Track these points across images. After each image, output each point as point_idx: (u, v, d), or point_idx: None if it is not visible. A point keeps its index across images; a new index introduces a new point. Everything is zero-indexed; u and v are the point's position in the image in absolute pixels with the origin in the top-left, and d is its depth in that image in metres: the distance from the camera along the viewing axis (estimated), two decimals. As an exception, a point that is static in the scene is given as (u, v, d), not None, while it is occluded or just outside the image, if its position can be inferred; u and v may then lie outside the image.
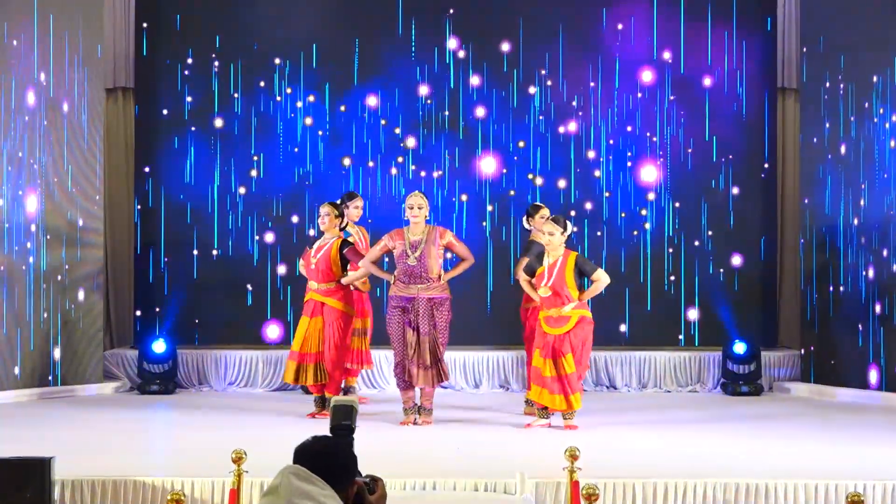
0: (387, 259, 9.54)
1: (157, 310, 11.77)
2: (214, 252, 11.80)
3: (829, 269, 10.70)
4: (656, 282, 11.80)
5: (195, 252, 11.79)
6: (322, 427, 3.77)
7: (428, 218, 8.80)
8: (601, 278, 8.68)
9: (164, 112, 11.86)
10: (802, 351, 11.08)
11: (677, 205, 11.83)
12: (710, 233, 11.82)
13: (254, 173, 11.84)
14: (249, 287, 11.74)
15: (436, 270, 8.65)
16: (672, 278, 11.79)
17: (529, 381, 8.96)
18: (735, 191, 11.86)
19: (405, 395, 8.79)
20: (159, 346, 10.83)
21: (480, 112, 11.81)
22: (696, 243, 11.82)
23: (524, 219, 9.60)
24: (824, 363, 10.74)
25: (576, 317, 8.59)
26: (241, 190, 11.82)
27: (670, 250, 11.80)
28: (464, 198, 11.83)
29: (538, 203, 9.90)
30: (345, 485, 3.35)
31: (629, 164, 11.83)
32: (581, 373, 8.76)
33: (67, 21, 10.59)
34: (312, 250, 9.26)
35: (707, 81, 11.82)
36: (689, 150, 11.85)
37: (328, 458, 3.36)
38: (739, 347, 10.91)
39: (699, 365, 11.23)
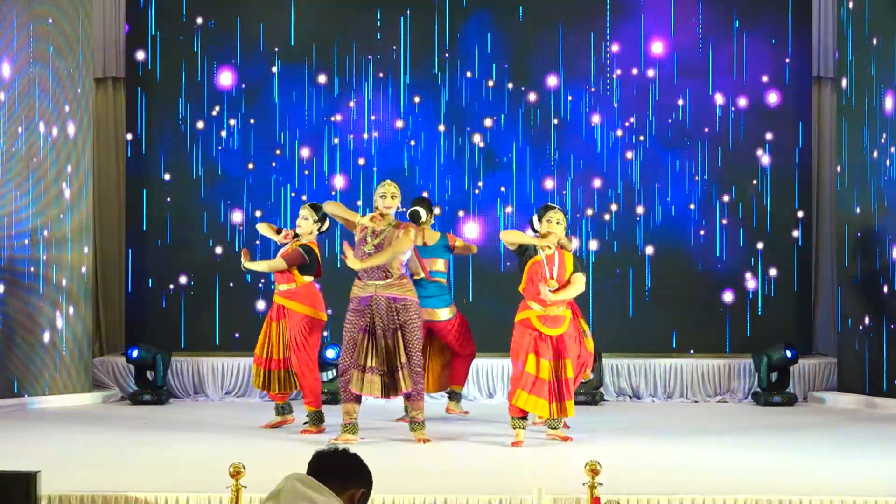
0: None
1: (149, 315, 11.79)
2: (212, 252, 11.82)
3: (868, 271, 10.65)
4: (680, 285, 11.78)
5: (191, 252, 11.81)
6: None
7: (400, 211, 8.54)
8: (580, 281, 8.39)
9: (157, 104, 11.88)
10: (839, 358, 11.05)
11: (705, 204, 11.81)
12: (741, 231, 11.80)
13: (251, 166, 11.86)
14: (249, 291, 11.74)
15: (395, 266, 8.28)
16: (699, 281, 11.77)
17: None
18: (768, 187, 11.83)
19: (347, 408, 8.38)
20: (133, 353, 10.86)
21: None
22: (726, 242, 11.79)
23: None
24: (863, 371, 10.69)
25: (568, 317, 8.44)
26: (241, 186, 11.84)
27: (696, 249, 11.78)
28: (476, 191, 11.84)
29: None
30: (353, 486, 3.55)
31: (654, 165, 11.84)
32: (578, 377, 8.73)
33: (55, 9, 10.61)
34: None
35: (739, 73, 11.81)
36: (719, 145, 11.84)
37: (347, 458, 3.63)
38: (787, 353, 10.88)
39: (728, 373, 11.21)
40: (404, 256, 8.34)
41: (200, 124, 11.85)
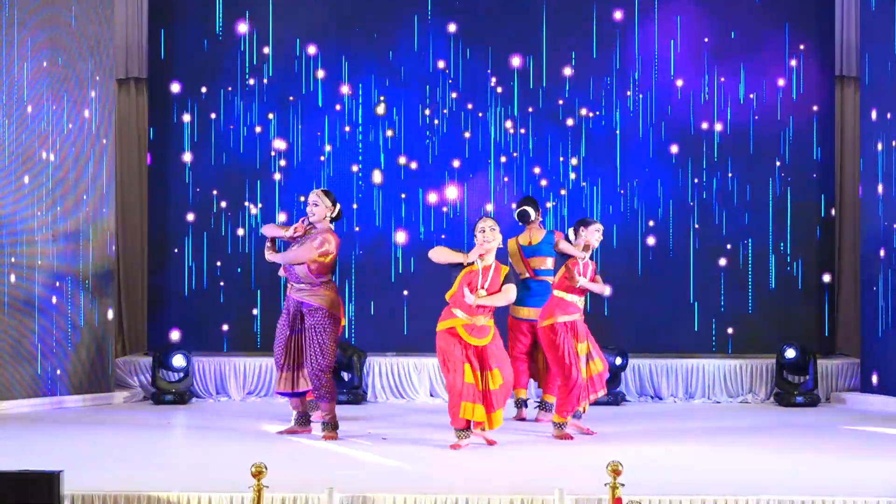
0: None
1: (172, 314, 11.81)
2: (234, 251, 11.84)
3: (892, 270, 10.61)
4: (702, 284, 11.75)
5: (212, 251, 11.84)
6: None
7: (331, 218, 8.66)
8: (510, 290, 8.36)
9: (178, 104, 11.91)
10: (862, 359, 11.00)
11: (726, 201, 11.77)
12: (763, 231, 11.75)
13: (275, 163, 11.90)
14: (272, 291, 11.75)
15: (303, 272, 8.54)
16: (722, 280, 11.74)
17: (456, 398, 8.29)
18: (789, 185, 11.78)
19: (292, 402, 8.97)
20: (179, 361, 10.88)
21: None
22: (747, 241, 11.76)
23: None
24: (887, 372, 10.64)
25: (492, 328, 8.42)
26: (265, 183, 11.86)
27: (718, 249, 11.75)
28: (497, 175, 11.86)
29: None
30: None
31: (674, 161, 11.81)
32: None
33: (76, 9, 10.66)
34: None
35: (761, 71, 11.78)
36: (741, 143, 11.81)
37: None
38: (789, 353, 10.83)
39: (751, 374, 11.18)
40: (305, 259, 8.53)
41: (223, 122, 11.86)
